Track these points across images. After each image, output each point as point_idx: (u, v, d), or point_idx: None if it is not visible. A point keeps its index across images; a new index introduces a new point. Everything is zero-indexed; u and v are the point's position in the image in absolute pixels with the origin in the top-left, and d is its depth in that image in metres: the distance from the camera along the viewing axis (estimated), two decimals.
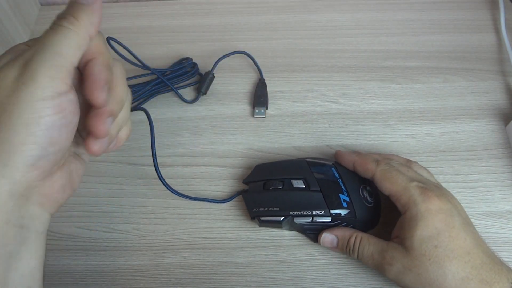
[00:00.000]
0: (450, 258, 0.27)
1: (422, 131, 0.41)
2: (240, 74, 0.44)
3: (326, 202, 0.33)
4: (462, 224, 0.29)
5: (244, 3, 0.50)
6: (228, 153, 0.40)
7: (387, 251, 0.30)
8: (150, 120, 0.34)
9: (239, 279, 0.34)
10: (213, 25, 0.48)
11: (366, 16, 0.49)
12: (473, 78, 0.44)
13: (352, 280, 0.34)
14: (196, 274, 0.34)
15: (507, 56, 0.44)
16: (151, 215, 0.37)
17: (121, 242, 0.36)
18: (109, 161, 0.39)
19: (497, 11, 0.48)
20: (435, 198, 0.29)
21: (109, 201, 0.37)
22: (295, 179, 0.34)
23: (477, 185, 0.38)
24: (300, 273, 0.34)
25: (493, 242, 0.35)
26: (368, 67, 0.45)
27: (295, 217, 0.33)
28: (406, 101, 0.42)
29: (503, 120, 0.41)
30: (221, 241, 0.36)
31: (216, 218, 0.37)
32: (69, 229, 0.36)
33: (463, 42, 0.46)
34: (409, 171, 0.32)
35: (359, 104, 0.42)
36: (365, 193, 0.34)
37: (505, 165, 0.39)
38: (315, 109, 0.42)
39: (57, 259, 0.35)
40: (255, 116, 0.41)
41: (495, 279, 0.27)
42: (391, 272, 0.29)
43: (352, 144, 0.40)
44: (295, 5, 0.50)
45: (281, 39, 0.47)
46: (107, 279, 0.34)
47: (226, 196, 0.37)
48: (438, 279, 0.27)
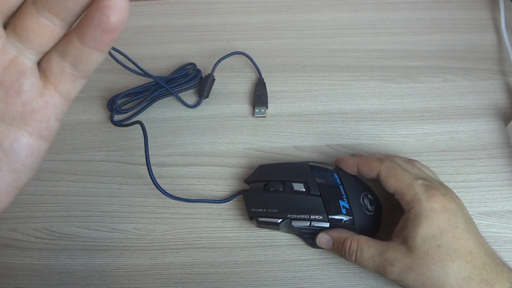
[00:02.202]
0: (452, 258, 0.27)
1: (422, 130, 0.41)
2: (240, 74, 0.44)
3: (325, 207, 0.32)
4: (465, 224, 0.29)
5: (244, 2, 0.50)
6: (228, 152, 0.40)
7: (388, 251, 0.29)
8: (145, 133, 0.34)
9: (239, 278, 0.34)
10: (213, 25, 0.48)
11: (366, 15, 0.49)
12: (473, 77, 0.44)
13: (352, 280, 0.34)
14: (196, 274, 0.34)
15: (507, 56, 0.44)
16: (151, 215, 0.37)
17: (121, 242, 0.36)
18: (109, 161, 0.39)
19: (497, 11, 0.48)
20: (440, 197, 0.29)
21: (109, 201, 0.37)
22: (296, 182, 0.34)
23: (477, 185, 0.38)
24: (300, 273, 0.34)
25: (493, 241, 0.35)
26: (368, 67, 0.45)
27: (293, 220, 0.33)
28: (406, 100, 0.42)
29: (503, 119, 0.41)
30: (221, 241, 0.36)
31: (216, 218, 0.37)
32: (69, 229, 0.36)
33: (463, 41, 0.46)
34: (414, 168, 0.32)
35: (359, 103, 0.42)
36: (366, 201, 0.33)
37: (505, 165, 0.38)
38: (315, 109, 0.42)
39: (57, 259, 0.35)
40: (256, 115, 0.41)
41: (496, 279, 0.27)
42: (394, 273, 0.29)
43: (352, 144, 0.40)
44: (295, 5, 0.50)
45: (281, 39, 0.47)
46: (107, 279, 0.34)
47: (226, 195, 0.37)
48: (440, 278, 0.27)
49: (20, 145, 0.19)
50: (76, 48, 0.19)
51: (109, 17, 0.17)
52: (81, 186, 0.38)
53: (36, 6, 0.18)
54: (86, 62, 0.19)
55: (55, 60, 0.19)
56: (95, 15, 0.17)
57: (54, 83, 0.19)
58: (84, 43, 0.18)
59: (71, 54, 0.19)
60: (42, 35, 0.18)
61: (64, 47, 0.19)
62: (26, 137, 0.20)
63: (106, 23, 0.17)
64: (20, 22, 0.18)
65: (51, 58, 0.19)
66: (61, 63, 0.19)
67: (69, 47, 0.19)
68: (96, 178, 0.38)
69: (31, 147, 0.20)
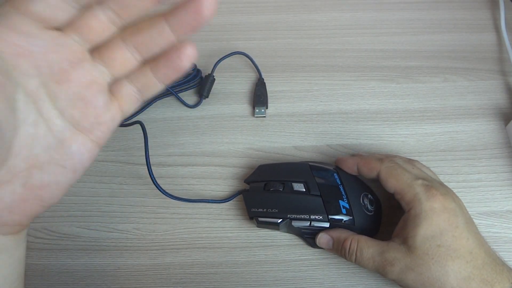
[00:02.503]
0: (452, 258, 0.27)
1: (422, 130, 0.41)
2: (240, 74, 0.44)
3: (325, 207, 0.32)
4: (465, 224, 0.29)
5: (244, 2, 0.50)
6: (228, 152, 0.40)
7: (388, 251, 0.29)
8: (145, 133, 0.34)
9: (239, 278, 0.34)
10: (213, 25, 0.48)
11: (366, 15, 0.49)
12: (473, 77, 0.44)
13: (352, 280, 0.34)
14: (196, 274, 0.34)
15: (507, 56, 0.44)
16: (151, 214, 0.37)
17: (121, 242, 0.36)
18: (109, 161, 0.39)
19: (497, 11, 0.48)
20: (440, 197, 0.29)
21: (109, 200, 0.37)
22: (296, 182, 0.34)
23: (477, 185, 0.38)
24: (300, 273, 0.34)
25: (493, 241, 0.35)
26: (368, 67, 0.45)
27: (293, 220, 0.33)
28: (406, 100, 0.42)
29: (503, 119, 0.41)
30: (221, 241, 0.36)
31: (216, 217, 0.37)
32: (69, 228, 0.36)
33: (463, 41, 0.46)
34: (414, 168, 0.32)
35: (359, 103, 0.42)
36: (366, 201, 0.33)
37: (505, 165, 0.38)
38: (315, 109, 0.42)
39: (57, 259, 0.35)
40: (256, 115, 0.41)
41: (496, 279, 0.27)
42: (393, 272, 0.29)
43: (352, 144, 0.40)
44: (295, 5, 0.50)
45: (281, 39, 0.47)
46: (107, 279, 0.34)
47: (226, 195, 0.37)
48: (440, 278, 0.27)
49: (85, 149, 0.23)
50: (147, 79, 0.23)
51: (183, 62, 0.23)
52: (81, 186, 0.38)
53: (125, 42, 0.22)
54: (150, 90, 0.24)
55: (125, 84, 0.24)
56: (174, 59, 0.23)
57: (120, 102, 0.24)
58: (156, 76, 0.23)
59: (141, 82, 0.24)
60: (123, 65, 0.23)
61: (137, 75, 0.23)
62: (90, 143, 0.23)
63: (180, 66, 0.23)
64: (107, 51, 0.22)
65: (122, 82, 0.24)
66: (129, 87, 0.24)
67: (141, 77, 0.23)
68: (96, 178, 0.38)
69: (91, 151, 0.23)
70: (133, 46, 0.22)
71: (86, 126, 0.23)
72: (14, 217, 0.21)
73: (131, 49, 0.23)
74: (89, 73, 0.22)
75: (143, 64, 0.23)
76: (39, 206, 0.22)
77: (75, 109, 0.22)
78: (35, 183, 0.21)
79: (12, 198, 0.21)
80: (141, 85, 0.24)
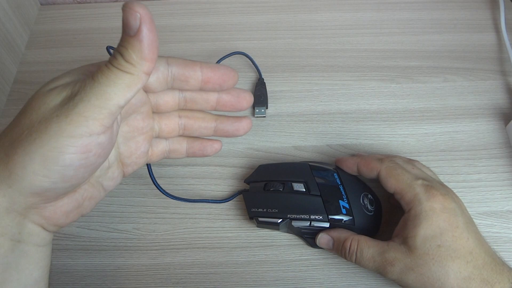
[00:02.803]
0: (452, 258, 0.27)
1: (422, 130, 0.41)
2: (240, 74, 0.44)
3: (325, 207, 0.32)
4: (466, 224, 0.29)
5: (244, 2, 0.50)
6: (228, 152, 0.40)
7: (388, 252, 0.29)
8: None
9: (239, 278, 0.34)
10: (213, 25, 0.48)
11: (366, 15, 0.49)
12: (473, 77, 0.44)
13: (352, 280, 0.34)
14: (196, 274, 0.34)
15: (507, 56, 0.44)
16: (151, 214, 0.37)
17: (121, 242, 0.36)
18: None
19: (497, 11, 0.48)
20: (440, 197, 0.29)
21: (109, 200, 0.37)
22: (296, 182, 0.34)
23: (477, 185, 0.38)
24: (300, 273, 0.34)
25: (493, 241, 0.35)
26: (368, 67, 0.45)
27: (293, 220, 0.33)
28: (406, 100, 0.42)
29: (503, 119, 0.41)
30: (221, 241, 0.36)
31: (216, 217, 0.37)
32: (69, 228, 0.36)
33: (463, 41, 0.46)
34: (414, 168, 0.32)
35: (359, 103, 0.42)
36: (366, 201, 0.33)
37: (505, 165, 0.38)
38: (315, 109, 0.42)
39: (57, 259, 0.35)
40: (256, 115, 0.41)
41: (496, 279, 0.27)
42: (394, 273, 0.29)
43: (352, 144, 0.40)
44: (295, 5, 0.50)
45: (281, 39, 0.47)
46: (107, 279, 0.34)
47: (226, 195, 0.37)
48: (440, 278, 0.27)
49: (119, 177, 0.28)
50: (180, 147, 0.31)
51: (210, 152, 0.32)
52: None
53: (180, 117, 0.30)
54: (177, 155, 0.32)
55: (163, 143, 0.31)
56: (207, 147, 0.32)
57: (153, 153, 0.30)
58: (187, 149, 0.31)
59: (175, 146, 0.31)
60: (170, 131, 0.30)
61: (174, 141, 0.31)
62: (122, 174, 0.29)
63: (207, 154, 0.32)
64: (165, 118, 0.29)
65: (162, 140, 0.31)
66: (165, 146, 0.31)
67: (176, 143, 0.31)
68: None
69: (119, 180, 0.28)
70: (183, 123, 0.30)
71: (126, 162, 0.28)
72: (67, 220, 0.25)
73: (181, 124, 0.30)
74: (150, 128, 0.28)
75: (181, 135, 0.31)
76: (79, 215, 0.26)
77: (126, 147, 0.28)
78: (87, 195, 0.26)
79: (73, 205, 0.25)
80: (173, 148, 0.31)
